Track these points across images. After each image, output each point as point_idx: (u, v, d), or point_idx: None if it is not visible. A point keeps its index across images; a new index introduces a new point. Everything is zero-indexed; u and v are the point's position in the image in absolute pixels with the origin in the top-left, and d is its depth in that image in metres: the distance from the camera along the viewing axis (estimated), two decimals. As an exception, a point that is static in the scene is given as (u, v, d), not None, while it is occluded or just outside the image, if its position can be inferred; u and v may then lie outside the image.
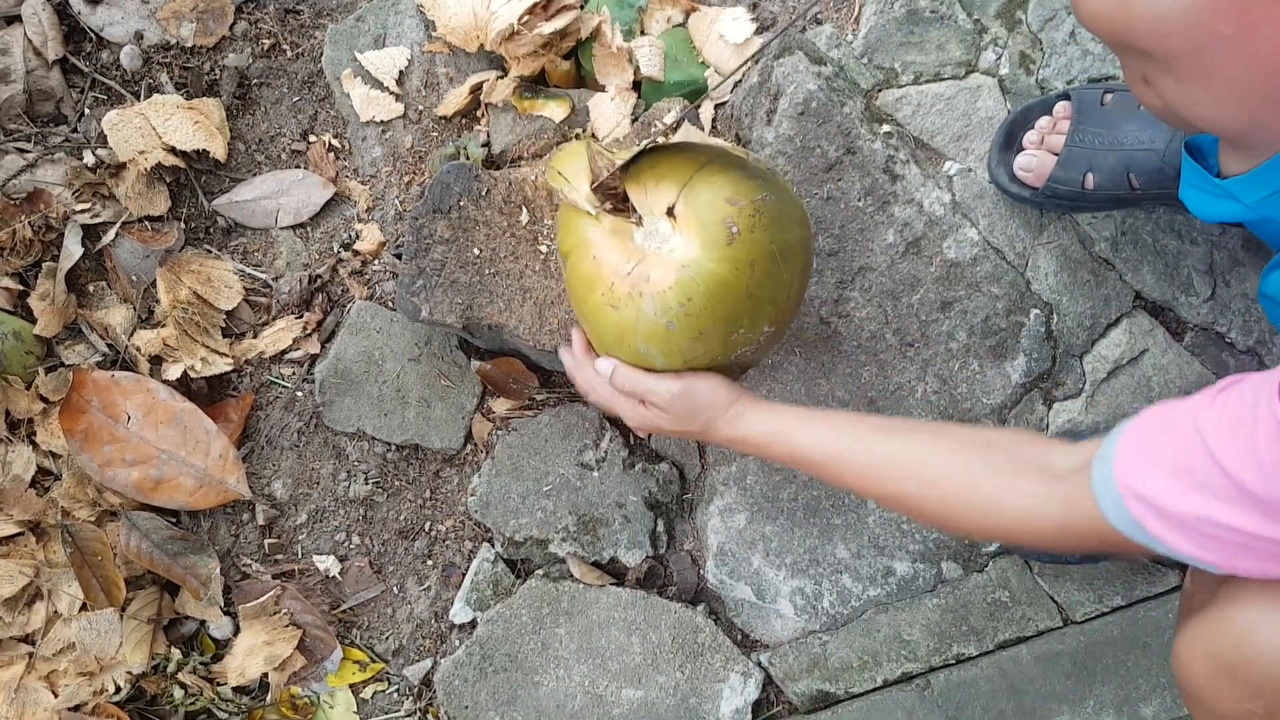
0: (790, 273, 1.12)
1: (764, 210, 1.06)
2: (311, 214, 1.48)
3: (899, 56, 1.43)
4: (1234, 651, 0.86)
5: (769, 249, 1.07)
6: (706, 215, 1.05)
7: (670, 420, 1.14)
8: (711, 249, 1.04)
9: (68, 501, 1.40)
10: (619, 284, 1.08)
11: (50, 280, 1.40)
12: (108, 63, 1.47)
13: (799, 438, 1.09)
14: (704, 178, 1.06)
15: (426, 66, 1.49)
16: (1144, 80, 0.80)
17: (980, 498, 0.97)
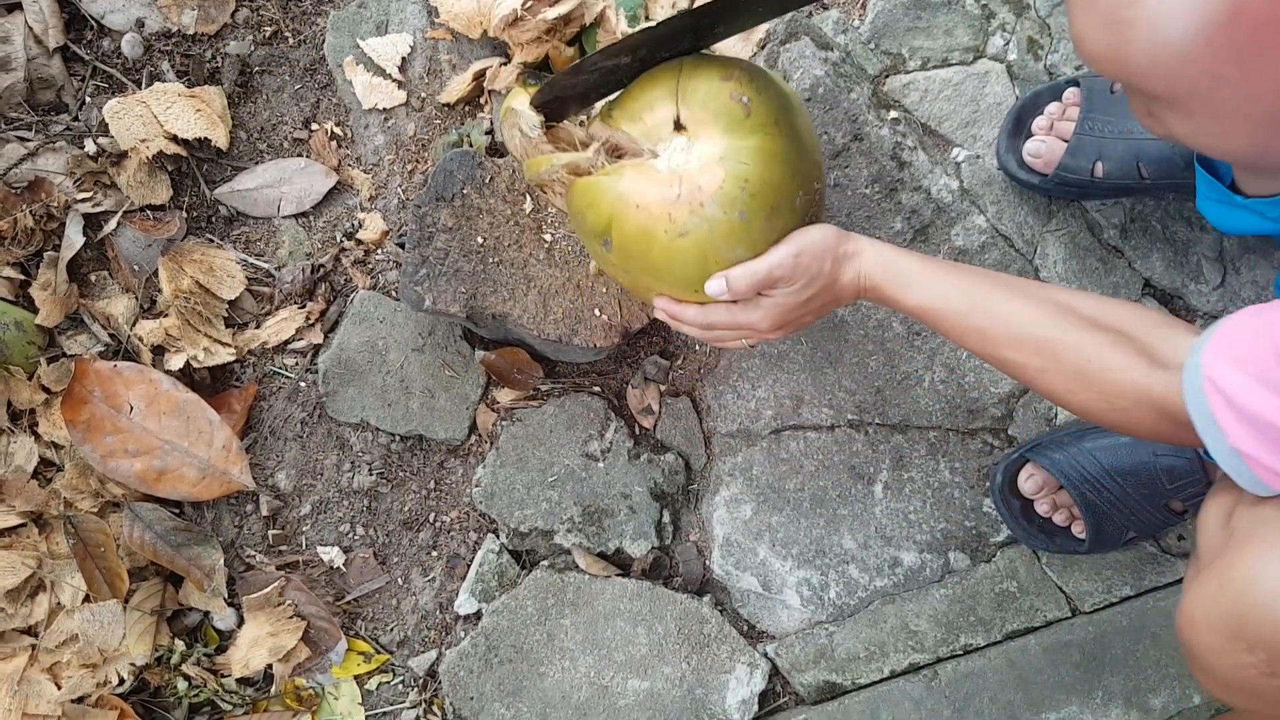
0: (805, 123, 1.12)
1: (758, 75, 1.07)
2: (314, 203, 1.47)
3: (906, 42, 1.42)
4: (1236, 603, 0.85)
5: (779, 103, 1.07)
6: (714, 104, 1.04)
7: (803, 288, 1.07)
8: (737, 129, 1.04)
9: (70, 492, 1.39)
10: (676, 211, 1.05)
11: (52, 270, 1.39)
12: (109, 51, 1.46)
13: (921, 285, 1.05)
14: (688, 76, 1.06)
15: (429, 53, 1.48)
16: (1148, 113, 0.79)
17: (1097, 381, 0.96)
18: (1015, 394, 1.41)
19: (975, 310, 1.03)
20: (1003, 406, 1.41)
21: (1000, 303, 1.02)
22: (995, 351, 1.02)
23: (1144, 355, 0.94)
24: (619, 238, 1.09)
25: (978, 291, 1.04)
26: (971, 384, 1.41)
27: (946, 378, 1.41)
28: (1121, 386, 0.95)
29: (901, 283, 1.06)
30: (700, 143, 1.04)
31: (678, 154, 1.05)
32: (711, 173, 1.03)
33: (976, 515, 1.43)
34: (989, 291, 1.03)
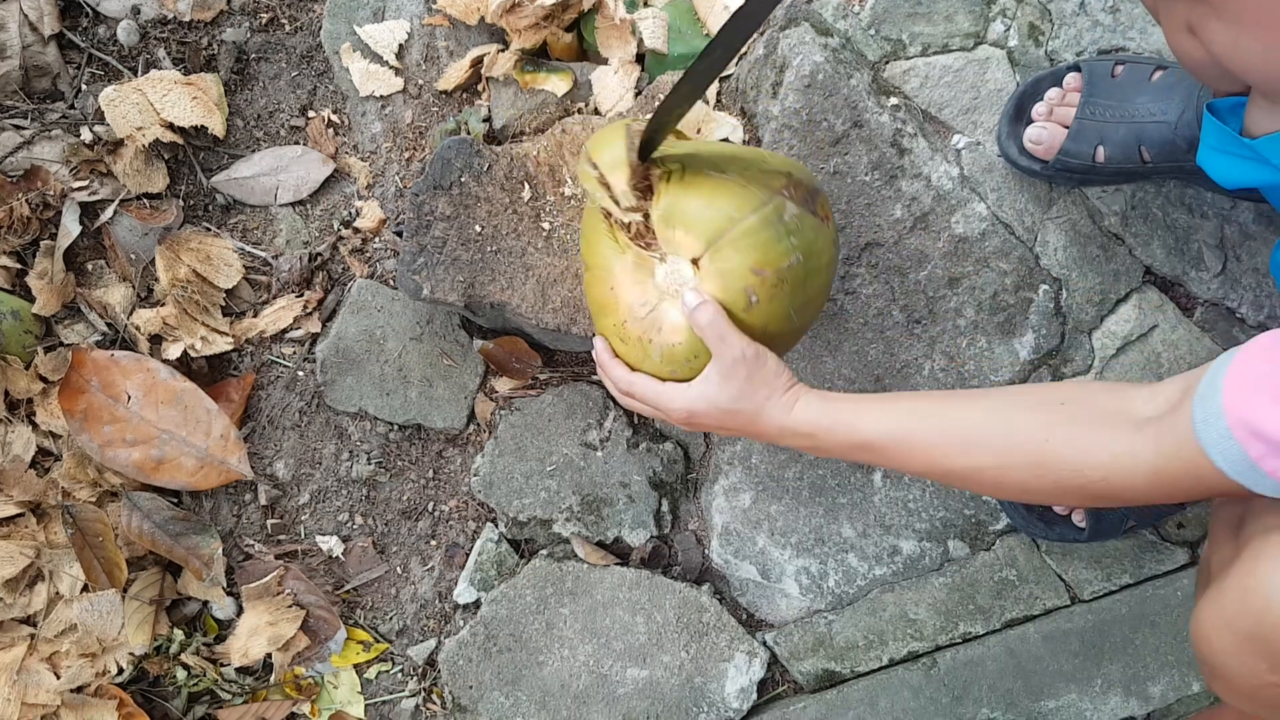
0: (803, 320, 1.12)
1: (788, 278, 1.05)
2: (311, 191, 1.47)
3: (906, 28, 1.41)
4: (1257, 622, 0.82)
5: (785, 312, 1.06)
6: (730, 281, 1.03)
7: (729, 394, 1.05)
8: (730, 310, 1.04)
9: (68, 482, 1.39)
10: (631, 324, 1.08)
11: (48, 259, 1.39)
12: (104, 38, 1.46)
13: (860, 423, 1.02)
14: (733, 242, 1.03)
15: (426, 40, 1.47)
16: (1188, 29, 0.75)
17: (1060, 459, 0.91)
18: (1014, 381, 1.41)
19: (916, 431, 0.99)
20: (1002, 394, 1.41)
21: (940, 416, 0.99)
22: (950, 463, 0.98)
23: (1105, 419, 0.90)
24: (587, 286, 1.14)
25: (915, 412, 1.00)
26: (971, 372, 1.40)
27: (946, 366, 1.40)
28: (1088, 456, 0.90)
29: (836, 427, 1.03)
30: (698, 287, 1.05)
31: (675, 281, 1.06)
32: (678, 326, 1.06)
33: (975, 503, 1.43)
34: (927, 408, 1.00)
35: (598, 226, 1.12)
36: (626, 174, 1.06)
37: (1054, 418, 0.92)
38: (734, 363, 1.03)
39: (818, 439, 1.04)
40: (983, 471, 0.96)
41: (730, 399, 1.05)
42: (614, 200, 1.08)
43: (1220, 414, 0.79)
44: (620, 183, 1.07)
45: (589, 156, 1.10)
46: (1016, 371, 1.40)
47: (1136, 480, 0.87)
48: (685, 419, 1.09)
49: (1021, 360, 1.40)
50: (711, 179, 1.06)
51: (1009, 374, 1.41)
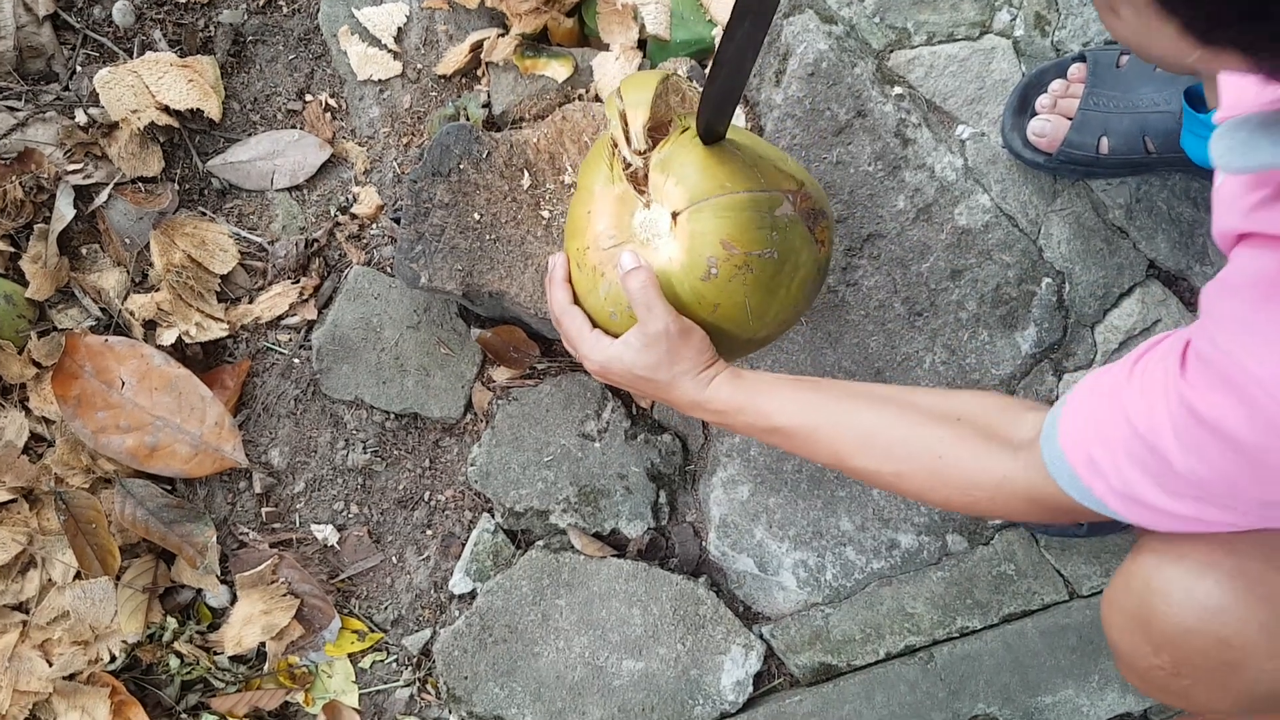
0: (760, 325, 1.11)
1: (755, 267, 1.05)
2: (308, 176, 1.45)
3: (911, 16, 1.40)
4: (1138, 608, 0.87)
5: (740, 302, 1.06)
6: (697, 243, 1.04)
7: (647, 362, 1.07)
8: (687, 274, 1.05)
9: (61, 468, 1.38)
10: (592, 252, 1.09)
11: (42, 242, 1.38)
12: (100, 19, 1.44)
13: (768, 408, 1.05)
14: (715, 207, 1.03)
15: (425, 23, 1.45)
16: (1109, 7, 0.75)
17: (951, 476, 0.96)
18: (1016, 375, 1.40)
19: (821, 424, 1.02)
20: (1003, 389, 1.40)
21: (846, 414, 1.02)
22: (849, 462, 1.02)
23: (992, 441, 0.95)
24: (571, 204, 1.16)
25: (821, 406, 1.03)
26: (972, 365, 1.40)
27: (947, 359, 1.39)
28: (975, 476, 0.95)
29: (746, 409, 1.06)
30: (668, 247, 1.06)
31: (651, 227, 1.07)
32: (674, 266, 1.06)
33: (975, 497, 1.42)
34: (834, 404, 1.03)
35: (601, 153, 1.13)
36: (646, 115, 1.07)
37: (947, 435, 0.97)
38: (657, 335, 1.05)
39: (727, 418, 1.08)
40: (881, 475, 1.01)
41: (646, 367, 1.07)
42: (626, 136, 1.09)
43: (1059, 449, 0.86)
44: (638, 120, 1.07)
45: (619, 90, 1.11)
46: (1018, 365, 1.40)
47: (1016, 503, 0.94)
48: (598, 371, 1.12)
49: (1023, 353, 1.39)
50: (723, 150, 1.07)
51: (1010, 367, 1.40)
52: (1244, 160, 0.69)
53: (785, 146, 1.36)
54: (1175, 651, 0.86)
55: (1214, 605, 0.83)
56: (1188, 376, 0.75)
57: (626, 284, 1.05)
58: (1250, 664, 0.83)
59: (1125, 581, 0.90)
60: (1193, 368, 0.75)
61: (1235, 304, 0.73)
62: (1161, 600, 0.86)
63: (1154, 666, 0.88)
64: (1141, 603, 0.87)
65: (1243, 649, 0.83)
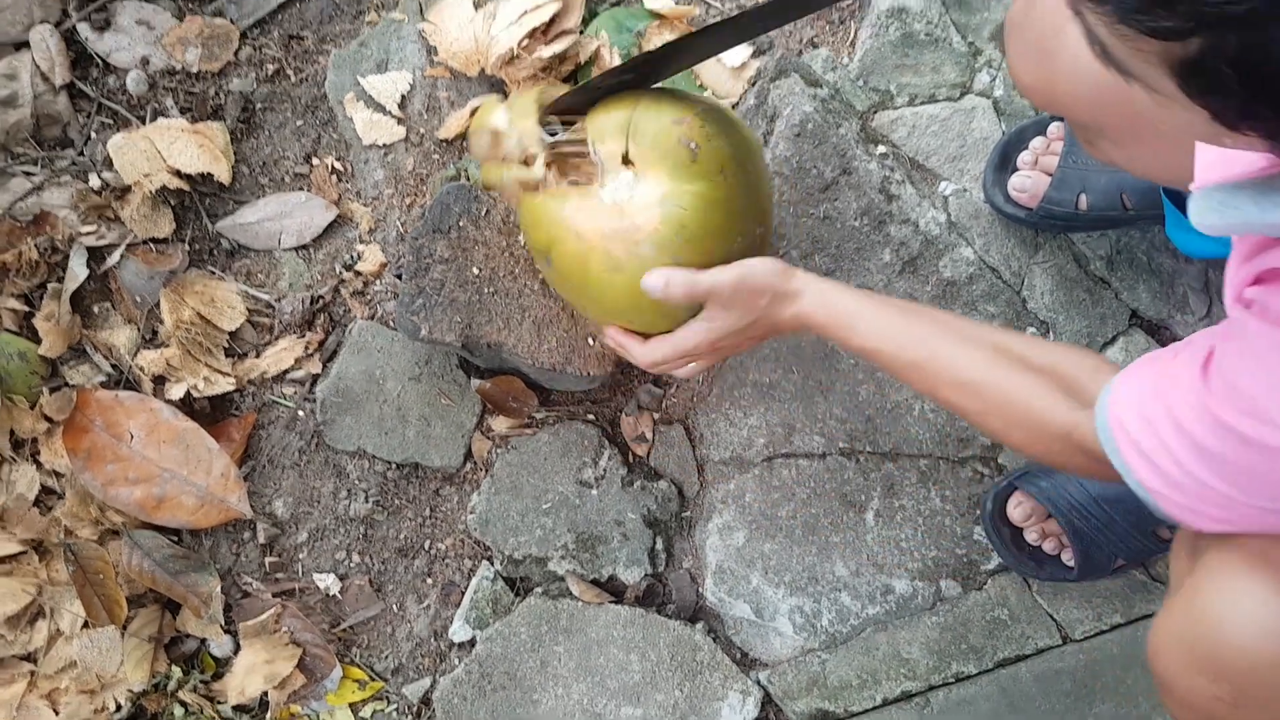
0: (757, 170, 1.15)
1: (709, 119, 1.10)
2: (314, 235, 1.50)
3: (894, 79, 1.45)
4: (1201, 636, 0.85)
5: (730, 152, 1.10)
6: (662, 144, 1.07)
7: (740, 317, 1.10)
8: (680, 172, 1.07)
9: (70, 520, 1.41)
10: (612, 246, 1.09)
11: (55, 301, 1.42)
12: (114, 88, 1.50)
13: (863, 329, 1.08)
14: (643, 113, 1.08)
15: (428, 90, 1.51)
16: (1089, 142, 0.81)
17: (1027, 423, 1.00)
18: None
19: (916, 354, 1.06)
20: (992, 435, 1.43)
21: (940, 346, 1.05)
22: (936, 392, 1.06)
23: (1069, 396, 0.98)
24: (558, 260, 1.14)
25: (918, 334, 1.07)
26: (961, 413, 1.43)
27: (937, 406, 1.42)
28: (1047, 426, 0.99)
29: (844, 324, 1.09)
30: (645, 181, 1.08)
31: (623, 188, 1.09)
32: (649, 214, 1.07)
33: (968, 543, 1.44)
34: (929, 335, 1.06)
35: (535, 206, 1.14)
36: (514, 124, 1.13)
37: (1031, 384, 1.00)
38: (730, 295, 1.08)
39: (828, 333, 1.11)
40: (967, 409, 1.05)
41: (738, 317, 1.10)
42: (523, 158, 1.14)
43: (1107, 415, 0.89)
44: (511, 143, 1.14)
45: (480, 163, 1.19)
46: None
47: (1080, 459, 0.97)
48: (709, 349, 1.15)
49: (1010, 401, 1.42)
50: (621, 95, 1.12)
51: (998, 415, 1.43)
52: (1222, 218, 0.72)
53: (774, 203, 1.40)
54: (1237, 681, 0.84)
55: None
56: (1209, 386, 0.79)
57: (671, 295, 1.08)
58: None
59: (1184, 609, 0.88)
60: (1213, 379, 0.79)
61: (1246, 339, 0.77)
62: (1227, 627, 0.84)
63: (1213, 700, 0.86)
64: (1207, 632, 0.85)
65: None
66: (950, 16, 1.46)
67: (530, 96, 1.16)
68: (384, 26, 1.52)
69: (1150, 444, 0.84)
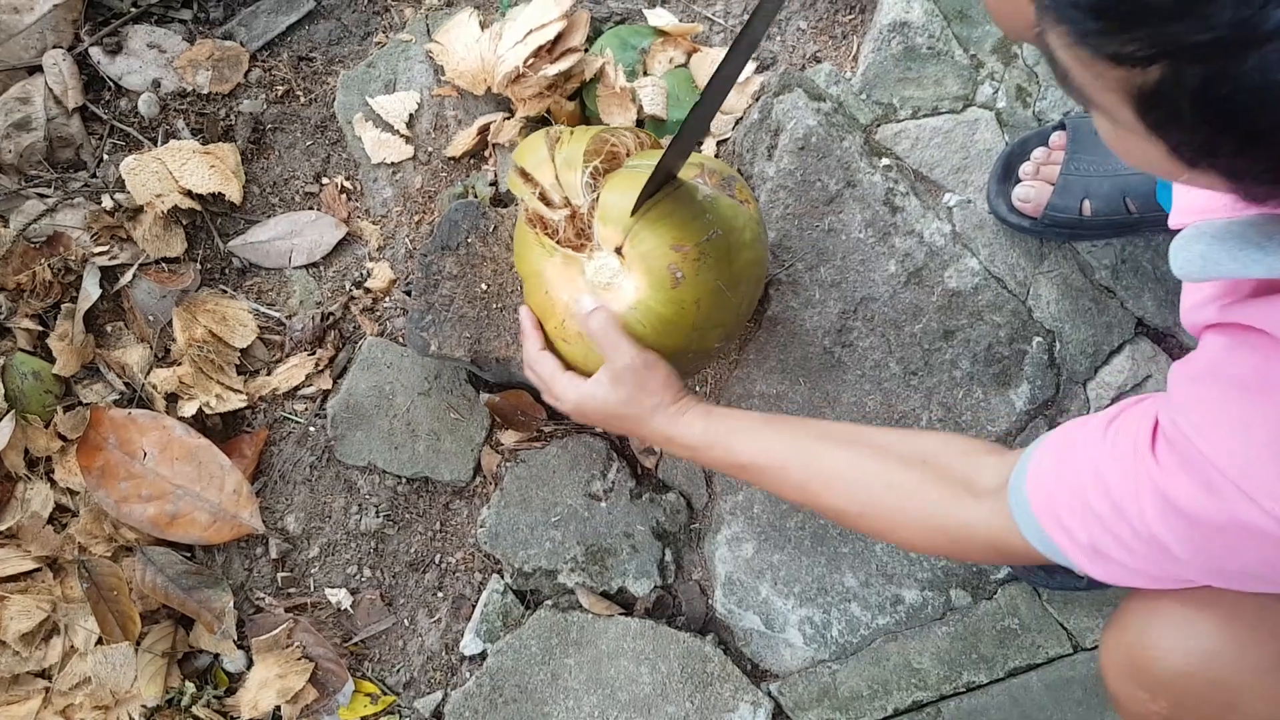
0: (739, 296, 1.17)
1: (709, 252, 1.10)
2: (324, 253, 1.51)
3: (897, 92, 1.46)
4: (1131, 655, 0.88)
5: (714, 286, 1.11)
6: (652, 261, 1.09)
7: (617, 398, 1.10)
8: (658, 291, 1.09)
9: (85, 537, 1.42)
10: (569, 322, 1.14)
11: (69, 321, 1.43)
12: (126, 110, 1.52)
13: (737, 444, 1.07)
14: (649, 223, 1.09)
15: (436, 109, 1.53)
16: None
17: (915, 518, 0.97)
18: (1012, 431, 1.44)
19: (789, 463, 1.05)
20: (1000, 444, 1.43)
21: (814, 454, 1.04)
22: (815, 500, 1.04)
23: (956, 486, 0.96)
24: (526, 296, 1.21)
25: (790, 443, 1.06)
26: (969, 422, 1.43)
27: (944, 416, 1.43)
28: (938, 520, 0.96)
29: (717, 444, 1.08)
30: (628, 279, 1.11)
31: (604, 273, 1.12)
32: (627, 311, 1.11)
33: (976, 553, 1.44)
34: (804, 443, 1.05)
35: (527, 238, 1.18)
36: (551, 171, 1.15)
37: (911, 478, 0.98)
38: (623, 369, 1.09)
39: (698, 453, 1.10)
40: (847, 513, 1.02)
41: (618, 402, 1.11)
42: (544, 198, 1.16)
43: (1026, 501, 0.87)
44: (547, 176, 1.15)
45: (515, 168, 1.19)
46: (1013, 421, 1.43)
47: (977, 549, 0.95)
48: (573, 410, 1.16)
49: (1017, 410, 1.43)
50: (630, 171, 1.12)
51: (1006, 424, 1.43)
52: (1203, 272, 0.71)
53: (779, 216, 1.41)
54: (1171, 696, 0.87)
55: (1208, 649, 0.84)
56: (1158, 458, 0.76)
57: (588, 325, 1.10)
58: (1245, 705, 0.84)
59: (1119, 629, 0.91)
60: (1161, 449, 0.76)
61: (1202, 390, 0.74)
62: (1155, 646, 0.87)
63: (1152, 712, 0.89)
64: (1136, 650, 0.88)
65: (1238, 691, 0.84)
66: (952, 30, 1.47)
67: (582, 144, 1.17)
68: (392, 47, 1.54)
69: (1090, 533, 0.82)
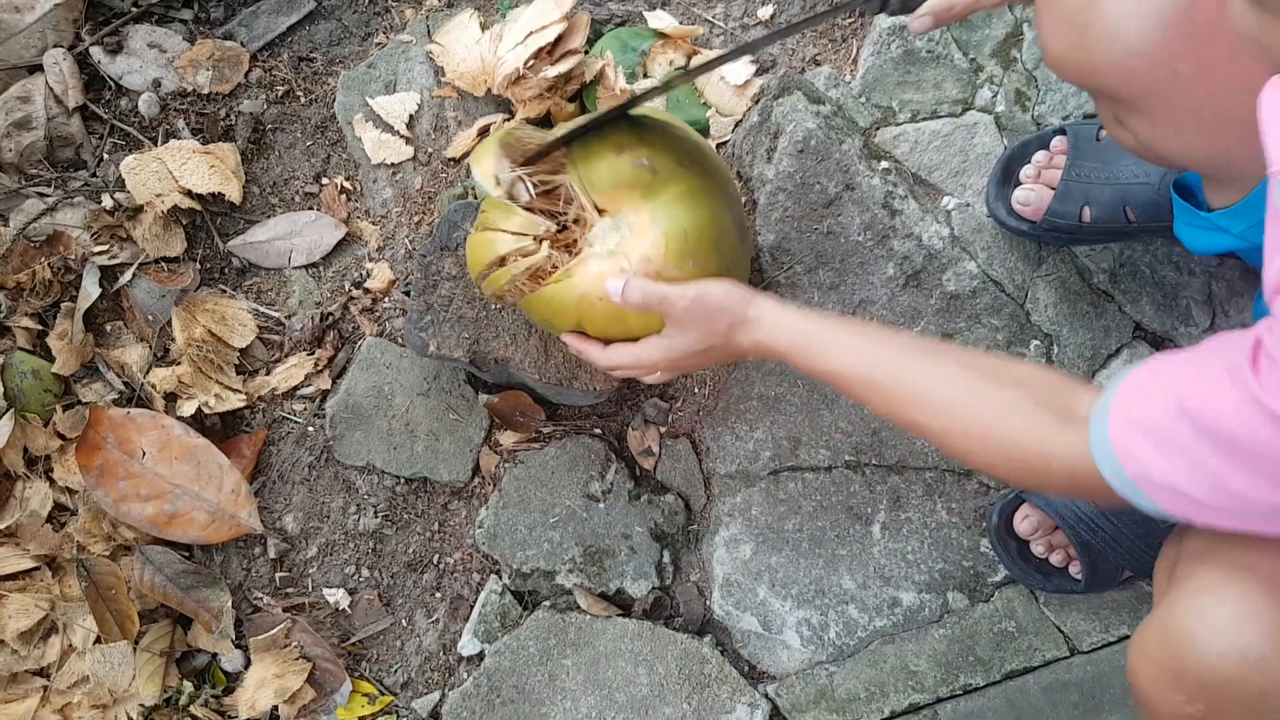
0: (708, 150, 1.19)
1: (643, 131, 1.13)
2: (324, 254, 1.52)
3: (896, 95, 1.47)
4: (1174, 656, 0.86)
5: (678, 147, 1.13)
6: (619, 178, 1.10)
7: (695, 339, 1.10)
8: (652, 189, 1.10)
9: (83, 536, 1.42)
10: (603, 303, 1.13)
11: (69, 320, 1.44)
12: (126, 110, 1.52)
13: (823, 352, 1.05)
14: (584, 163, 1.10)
15: (436, 110, 1.53)
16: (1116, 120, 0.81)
17: (1000, 440, 0.95)
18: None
19: (877, 374, 1.03)
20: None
21: (902, 365, 1.02)
22: (901, 414, 1.02)
23: (1046, 413, 0.93)
24: (593, 328, 1.17)
25: (880, 355, 1.04)
26: (966, 426, 1.43)
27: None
28: (1023, 444, 0.94)
29: (804, 349, 1.07)
30: (626, 216, 1.11)
31: (610, 235, 1.12)
32: (652, 239, 1.10)
33: (974, 555, 1.45)
34: (891, 354, 1.03)
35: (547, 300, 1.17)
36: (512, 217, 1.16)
37: (1002, 399, 0.95)
38: (683, 312, 1.09)
39: (790, 359, 1.08)
40: (932, 430, 1.00)
41: (697, 340, 1.10)
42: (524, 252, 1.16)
43: (1106, 435, 0.84)
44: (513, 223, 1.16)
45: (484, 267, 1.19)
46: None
47: (1059, 477, 0.92)
48: (669, 368, 1.16)
49: (1015, 414, 1.43)
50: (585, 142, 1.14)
51: (1003, 427, 1.43)
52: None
53: (778, 219, 1.42)
54: (1210, 700, 0.84)
55: (1255, 656, 0.82)
56: (1259, 375, 0.74)
57: (630, 300, 1.09)
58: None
59: (1160, 628, 0.88)
60: (1263, 366, 0.74)
61: None
62: (1202, 649, 0.84)
63: (1186, 715, 0.86)
64: (1179, 651, 0.85)
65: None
66: (951, 33, 1.47)
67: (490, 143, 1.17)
68: (392, 48, 1.55)
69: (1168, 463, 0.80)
